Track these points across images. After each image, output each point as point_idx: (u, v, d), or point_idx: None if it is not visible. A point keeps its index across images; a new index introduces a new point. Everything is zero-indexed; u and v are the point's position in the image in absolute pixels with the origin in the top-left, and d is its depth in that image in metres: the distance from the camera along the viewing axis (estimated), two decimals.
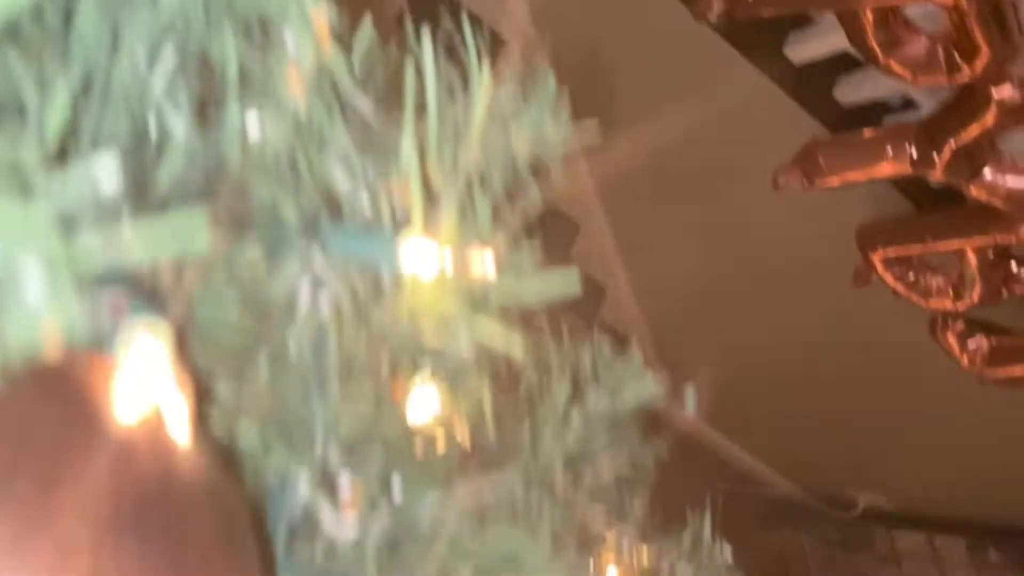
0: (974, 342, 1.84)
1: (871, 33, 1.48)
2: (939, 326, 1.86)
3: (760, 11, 1.52)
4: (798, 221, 1.87)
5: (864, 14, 1.45)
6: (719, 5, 1.55)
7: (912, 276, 1.80)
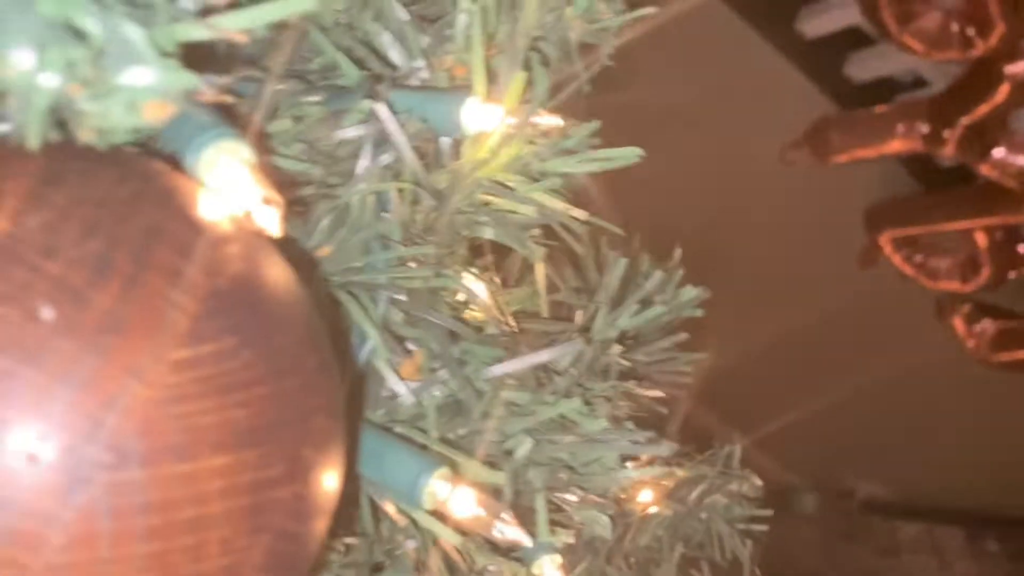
0: (980, 326, 1.84)
1: (885, 5, 1.48)
2: (945, 309, 1.86)
3: None
4: (805, 199, 1.86)
5: None
6: None
7: (920, 258, 1.79)
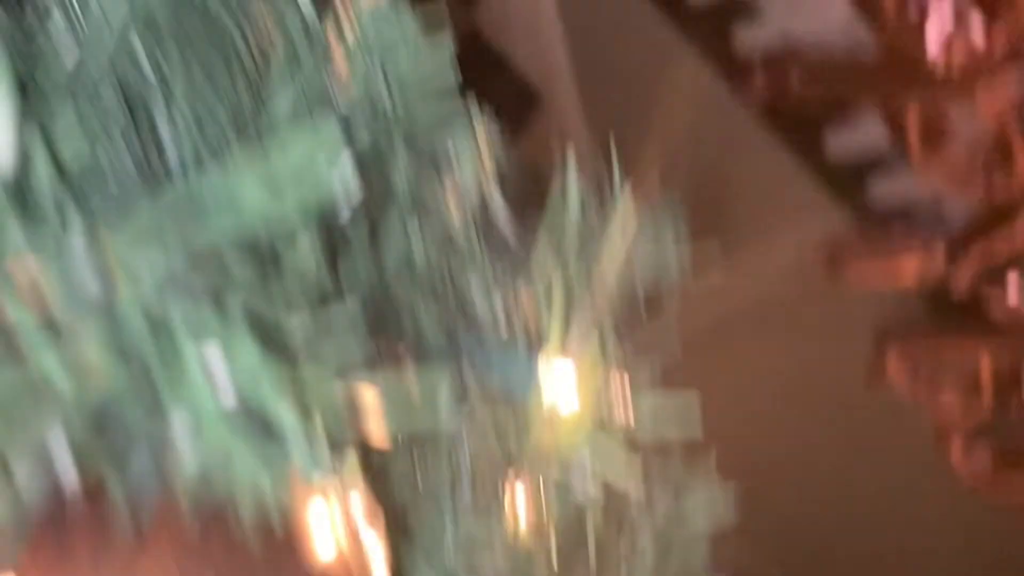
0: (978, 455, 1.84)
1: (912, 137, 1.50)
2: (945, 435, 1.86)
3: (804, 91, 1.54)
4: (816, 310, 1.87)
5: (909, 113, 1.47)
6: (763, 91, 1.57)
7: (924, 382, 1.80)
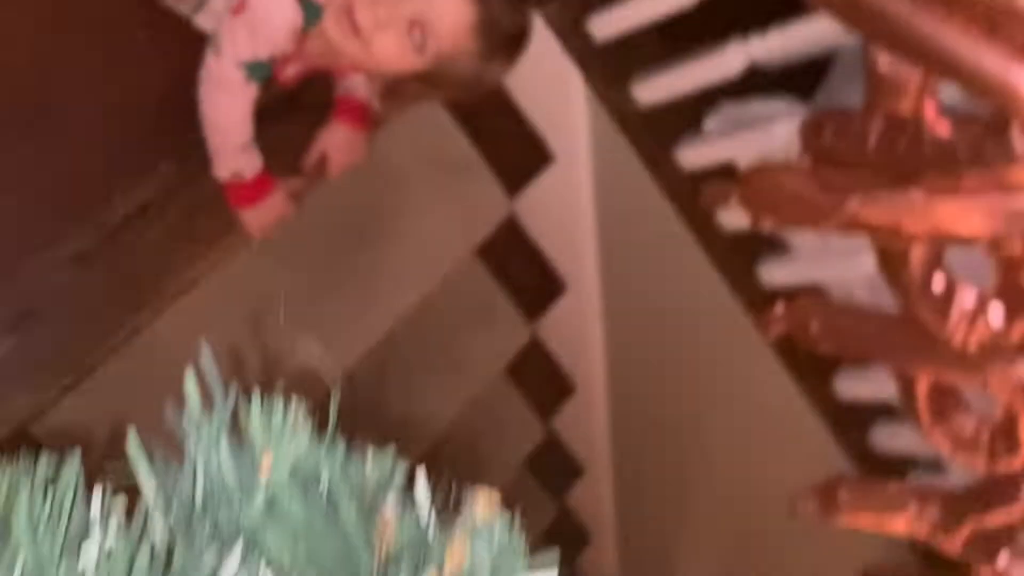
0: None
1: (922, 400, 1.52)
2: None
3: (819, 345, 1.57)
4: (807, 550, 1.88)
5: (920, 378, 1.50)
6: (781, 327, 1.60)
7: None
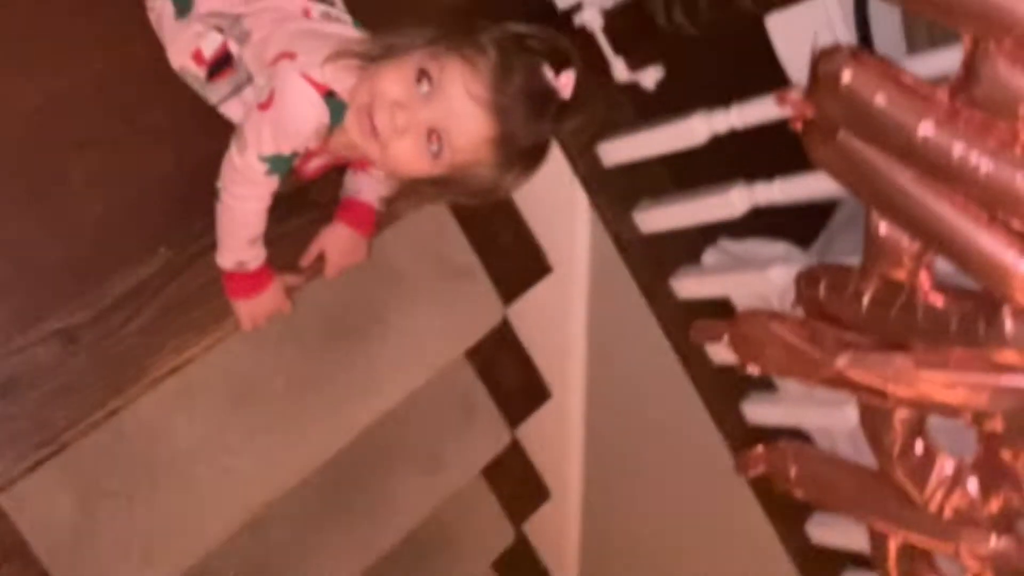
0: None
1: (892, 558, 1.52)
2: None
3: (795, 491, 1.56)
4: None
5: (891, 537, 1.50)
6: (759, 468, 1.60)
7: None
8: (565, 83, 1.16)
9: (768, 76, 1.70)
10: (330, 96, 1.18)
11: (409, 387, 1.76)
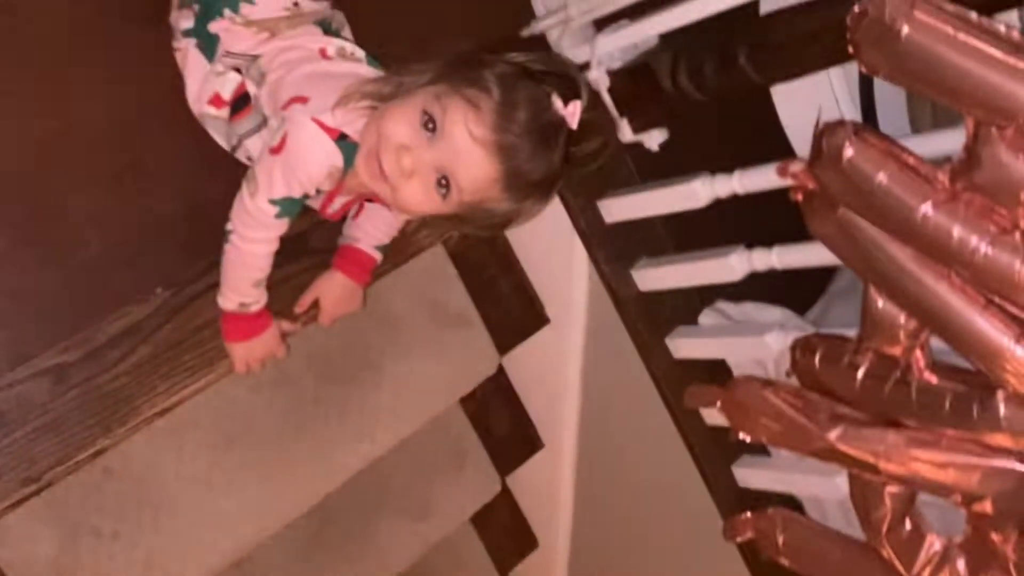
0: None
1: None
2: None
3: (782, 558, 1.55)
4: None
5: None
6: (748, 533, 1.59)
7: None
8: (572, 112, 1.15)
9: (772, 143, 1.71)
10: (342, 139, 1.18)
11: (401, 434, 1.75)
